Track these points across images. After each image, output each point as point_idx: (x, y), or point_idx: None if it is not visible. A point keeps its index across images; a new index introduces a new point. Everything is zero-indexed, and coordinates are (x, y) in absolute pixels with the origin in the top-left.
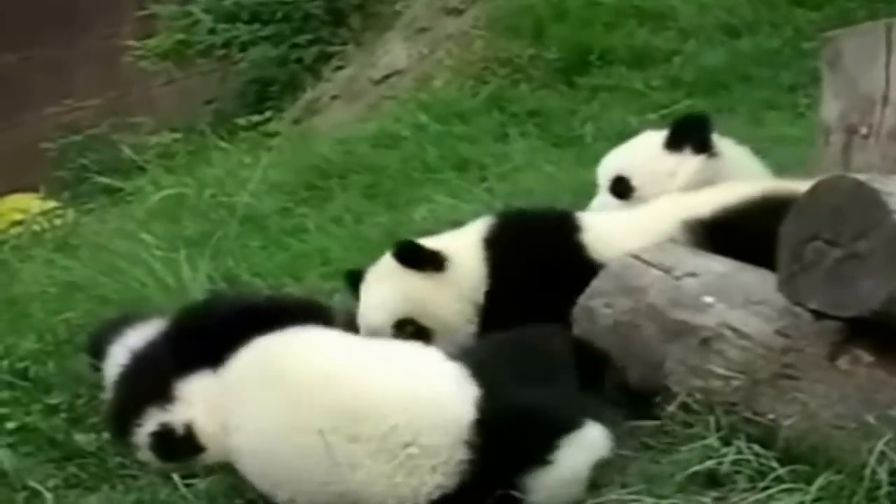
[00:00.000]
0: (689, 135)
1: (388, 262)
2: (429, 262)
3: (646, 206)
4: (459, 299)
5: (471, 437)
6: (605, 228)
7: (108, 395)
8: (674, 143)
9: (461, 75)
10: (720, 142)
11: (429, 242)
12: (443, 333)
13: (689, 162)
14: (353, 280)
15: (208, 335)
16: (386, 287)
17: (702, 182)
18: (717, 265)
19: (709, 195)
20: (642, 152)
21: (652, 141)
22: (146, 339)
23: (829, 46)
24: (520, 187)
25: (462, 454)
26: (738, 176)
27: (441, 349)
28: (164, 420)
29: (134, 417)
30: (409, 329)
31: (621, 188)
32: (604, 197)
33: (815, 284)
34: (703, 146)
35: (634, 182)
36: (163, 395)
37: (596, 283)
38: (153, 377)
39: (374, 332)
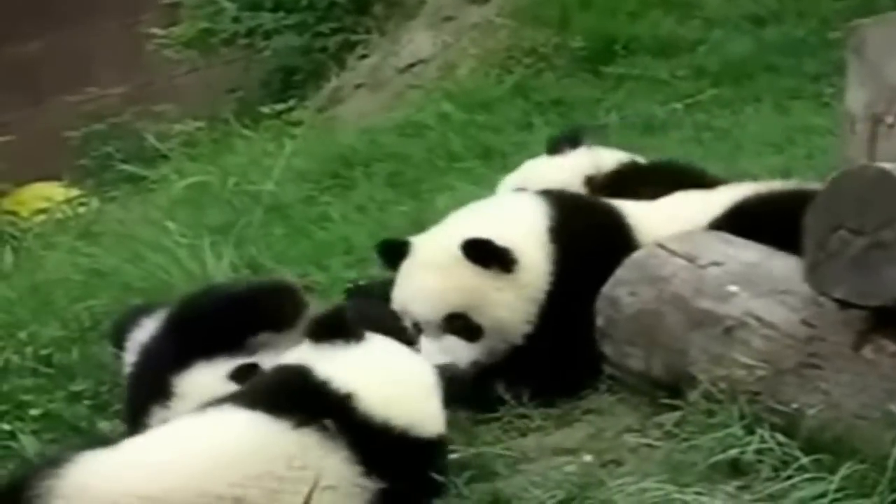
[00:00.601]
0: (565, 142)
1: (444, 251)
2: (498, 260)
3: (673, 196)
4: (523, 299)
5: None
6: (643, 216)
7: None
8: (555, 150)
9: (485, 64)
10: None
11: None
12: (495, 332)
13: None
14: (391, 251)
15: (200, 328)
16: (441, 278)
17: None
18: (743, 254)
19: (727, 190)
20: (534, 169)
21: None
22: (154, 332)
23: (854, 36)
24: None
25: None
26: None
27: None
28: (166, 418)
29: (142, 415)
30: (459, 324)
31: None
32: None
33: (840, 273)
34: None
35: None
36: (164, 392)
37: (620, 272)
38: (156, 373)
39: (418, 322)
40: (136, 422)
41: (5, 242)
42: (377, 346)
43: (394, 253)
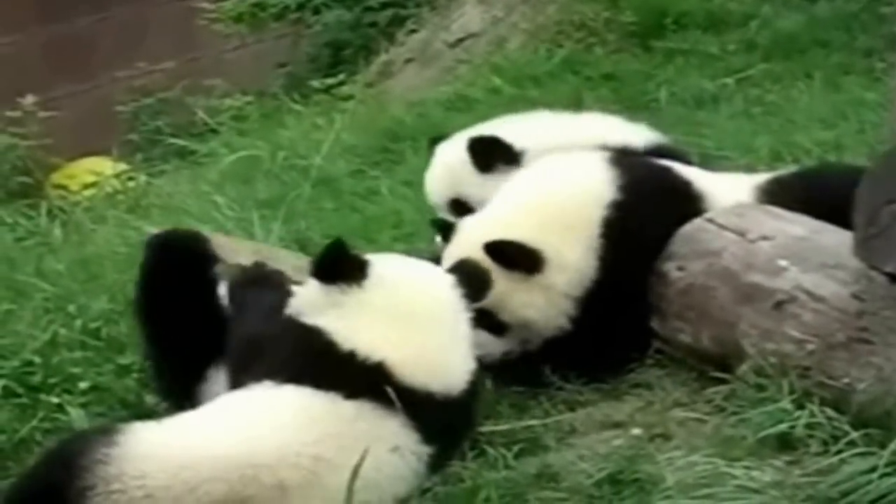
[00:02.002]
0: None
1: (473, 246)
2: (524, 264)
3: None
4: (555, 299)
5: None
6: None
7: None
8: (485, 166)
9: (535, 39)
10: None
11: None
12: (523, 329)
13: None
14: (446, 229)
15: None
16: None
17: None
18: (793, 228)
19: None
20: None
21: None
22: None
23: None
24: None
25: None
26: None
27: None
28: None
29: (185, 397)
30: (485, 321)
31: (461, 209)
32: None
33: (891, 248)
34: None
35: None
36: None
37: (670, 246)
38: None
39: None
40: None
41: (55, 216)
42: (387, 281)
43: (447, 231)
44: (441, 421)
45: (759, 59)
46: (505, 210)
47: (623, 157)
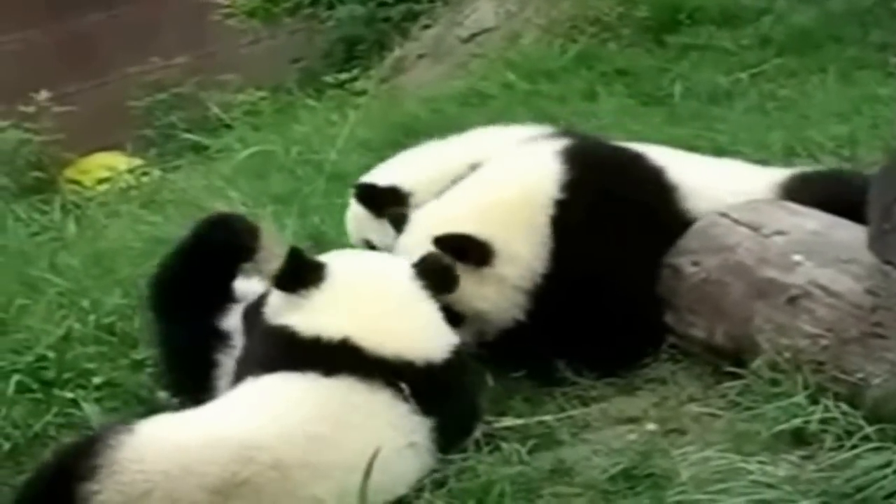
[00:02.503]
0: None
1: (424, 240)
2: (473, 256)
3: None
4: (504, 292)
5: None
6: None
7: None
8: (377, 212)
9: (549, 34)
10: None
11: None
12: (478, 321)
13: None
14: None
15: None
16: None
17: None
18: (807, 223)
19: None
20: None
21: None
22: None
23: None
24: None
25: None
26: None
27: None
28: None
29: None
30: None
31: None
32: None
33: None
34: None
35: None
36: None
37: (683, 241)
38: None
39: None
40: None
41: (69, 211)
42: (344, 276)
43: (399, 223)
44: (429, 389)
45: (773, 54)
46: (455, 203)
47: (582, 146)
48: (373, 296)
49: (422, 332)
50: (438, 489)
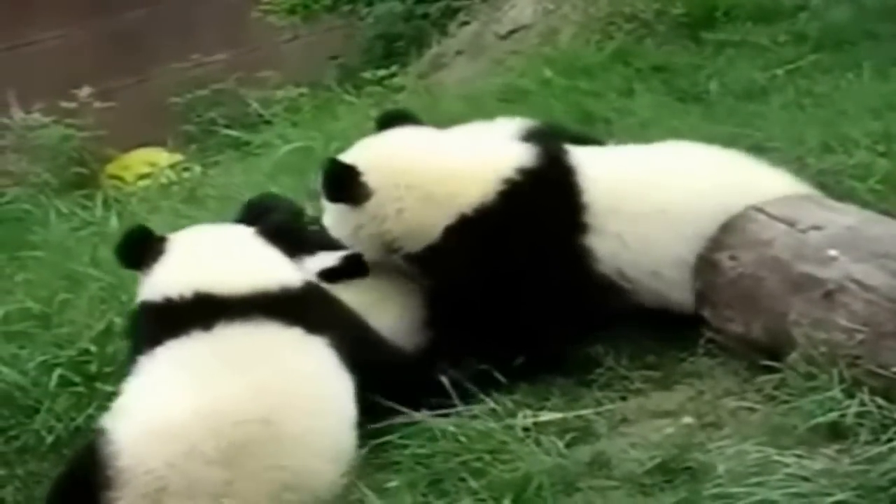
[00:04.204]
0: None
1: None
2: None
3: None
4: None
5: None
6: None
7: None
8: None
9: (586, 30)
10: None
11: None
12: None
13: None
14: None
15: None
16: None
17: None
18: (843, 218)
19: None
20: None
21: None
22: None
23: None
24: (645, 142)
25: None
26: None
27: None
28: None
29: None
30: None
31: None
32: None
33: None
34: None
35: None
36: None
37: (719, 236)
38: None
39: None
40: None
41: (110, 207)
42: (183, 246)
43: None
44: (301, 309)
45: (809, 51)
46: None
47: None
48: (207, 250)
49: (268, 266)
50: (478, 479)
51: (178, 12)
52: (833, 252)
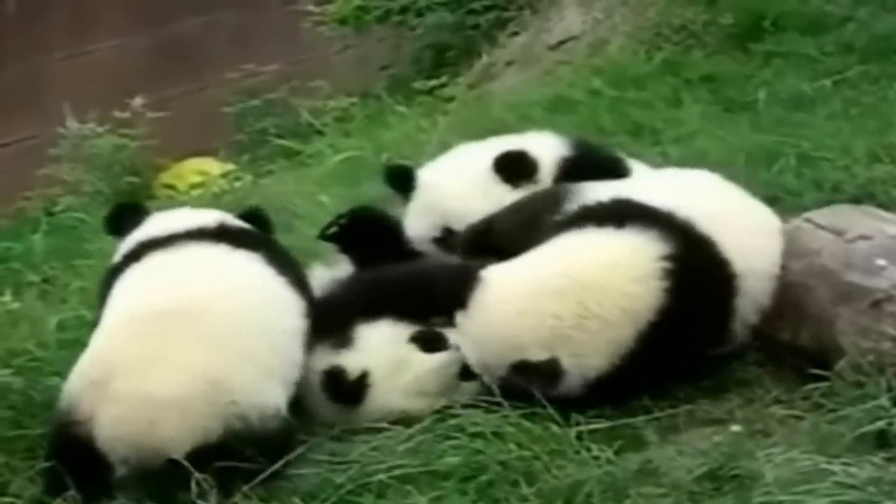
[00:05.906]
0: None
1: None
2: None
3: None
4: None
5: None
6: None
7: None
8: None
9: (635, 41)
10: None
11: None
12: None
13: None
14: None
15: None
16: None
17: None
18: (890, 228)
19: None
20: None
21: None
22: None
23: None
24: (693, 151)
25: None
26: None
27: None
28: (337, 362)
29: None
30: None
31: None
32: None
33: None
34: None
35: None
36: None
37: None
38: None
39: None
40: None
41: None
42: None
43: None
44: (236, 234)
45: (856, 61)
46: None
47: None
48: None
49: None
50: (530, 486)
51: (232, 23)
52: (881, 262)
